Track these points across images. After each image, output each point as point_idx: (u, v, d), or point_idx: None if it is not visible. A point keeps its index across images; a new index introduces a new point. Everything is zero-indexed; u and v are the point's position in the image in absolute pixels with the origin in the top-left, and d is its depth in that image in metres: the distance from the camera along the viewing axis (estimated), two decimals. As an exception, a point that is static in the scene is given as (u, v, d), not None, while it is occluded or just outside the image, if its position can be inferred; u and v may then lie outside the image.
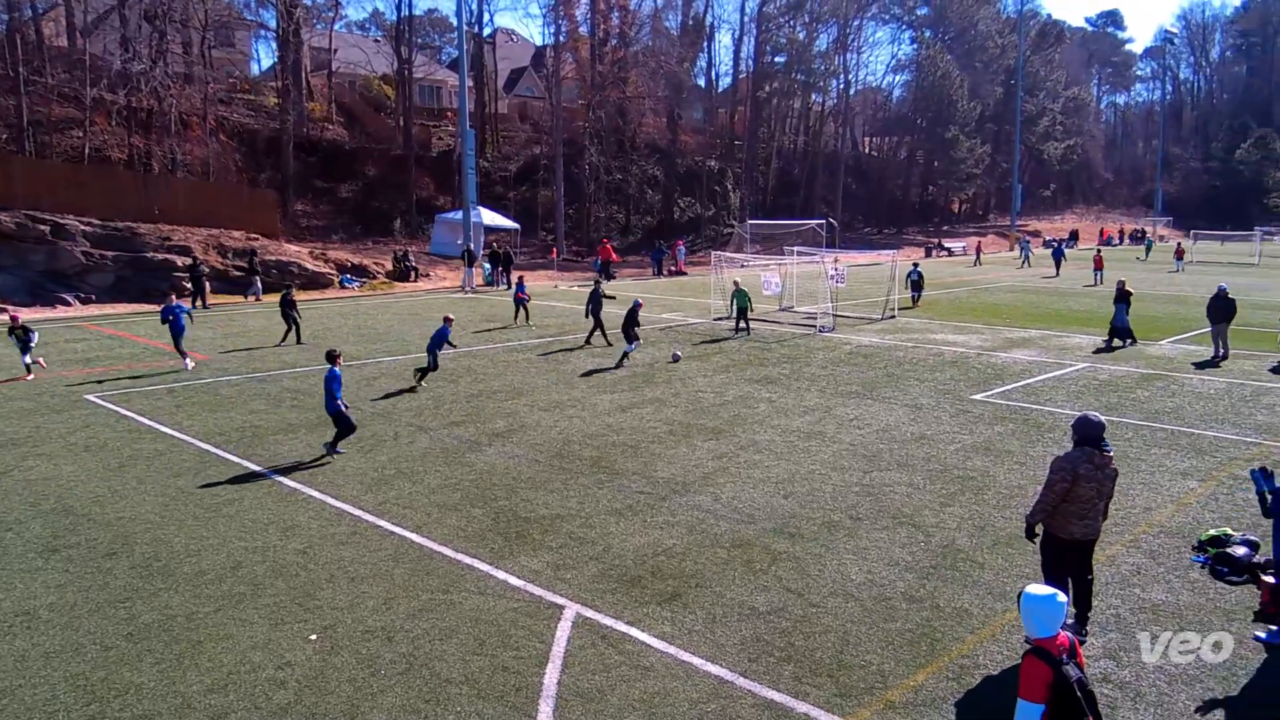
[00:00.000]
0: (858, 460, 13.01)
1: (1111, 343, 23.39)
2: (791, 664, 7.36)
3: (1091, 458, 7.50)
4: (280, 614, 8.24)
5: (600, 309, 23.38)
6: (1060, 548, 7.66)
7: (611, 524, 10.46)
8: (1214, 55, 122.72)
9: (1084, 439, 7.57)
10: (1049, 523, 7.65)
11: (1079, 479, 7.42)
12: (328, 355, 13.75)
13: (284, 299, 23.91)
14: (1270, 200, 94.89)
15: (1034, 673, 4.68)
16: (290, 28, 50.02)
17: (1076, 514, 7.51)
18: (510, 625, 8.01)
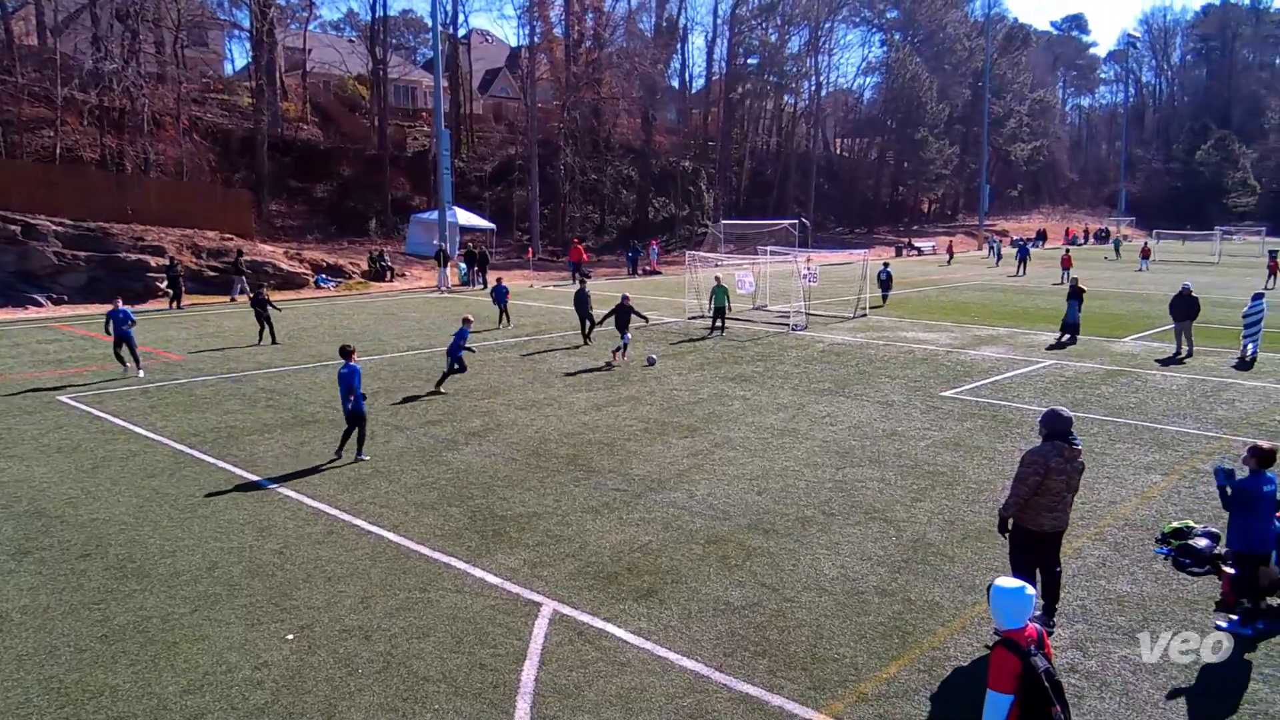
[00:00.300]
0: (830, 456, 13.08)
1: (1062, 338, 23.85)
2: (766, 658, 7.39)
3: (1061, 451, 7.56)
4: (257, 614, 8.16)
5: (589, 307, 23.06)
6: (1030, 540, 7.72)
7: (588, 521, 10.45)
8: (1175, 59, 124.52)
9: (1053, 433, 7.62)
10: (1019, 515, 7.69)
11: (1050, 472, 7.48)
12: (342, 350, 12.97)
13: (256, 298, 23.66)
14: (1230, 200, 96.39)
15: (1003, 664, 4.73)
16: (264, 28, 49.54)
17: (1046, 506, 7.57)
18: (487, 623, 7.98)
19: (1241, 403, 16.60)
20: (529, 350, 22.51)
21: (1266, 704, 6.78)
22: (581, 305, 23.08)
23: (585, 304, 23.09)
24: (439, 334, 24.84)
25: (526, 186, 54.83)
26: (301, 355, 21.63)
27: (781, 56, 71.96)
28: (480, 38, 77.28)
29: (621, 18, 65.93)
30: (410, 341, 23.74)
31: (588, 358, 21.23)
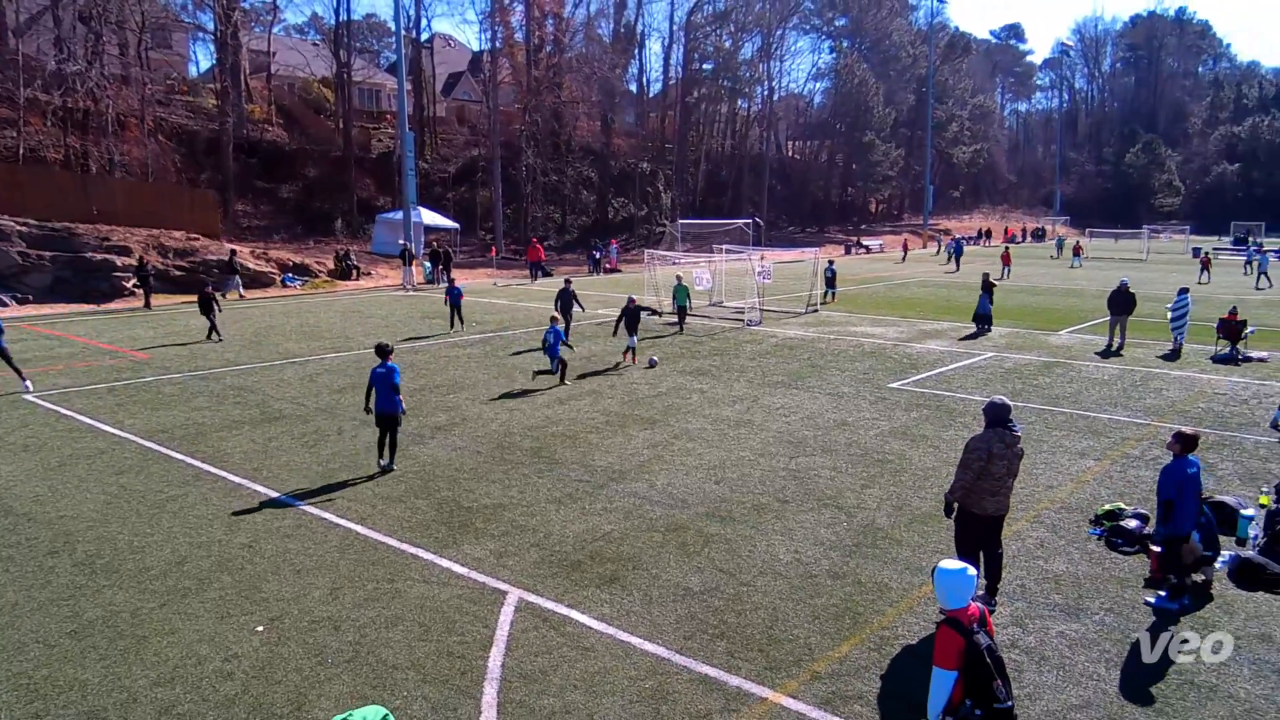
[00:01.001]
0: (784, 446, 13.18)
1: (980, 328, 24.64)
2: (724, 640, 7.44)
3: (1003, 437, 7.70)
4: (226, 607, 8.03)
5: (571, 308, 22.34)
6: (973, 523, 7.85)
7: (552, 512, 10.42)
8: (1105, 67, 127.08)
9: (994, 420, 7.77)
10: (964, 500, 7.82)
11: (992, 457, 7.62)
12: (379, 349, 11.72)
13: (203, 296, 23.16)
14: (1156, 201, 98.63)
15: (947, 642, 4.81)
16: (228, 30, 48.56)
17: (989, 490, 7.70)
18: (454, 611, 7.93)
19: (1168, 391, 17.02)
20: (493, 347, 22.37)
21: (1191, 673, 6.97)
22: (565, 304, 22.31)
23: (569, 303, 22.35)
24: (405, 330, 24.61)
25: (489, 187, 54.46)
26: (269, 353, 21.30)
27: (735, 62, 72.20)
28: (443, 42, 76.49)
29: (581, 24, 65.79)
30: (377, 338, 23.39)
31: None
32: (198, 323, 26.22)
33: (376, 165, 55.69)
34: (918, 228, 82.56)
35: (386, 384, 11.43)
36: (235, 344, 22.45)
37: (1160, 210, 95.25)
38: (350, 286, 38.38)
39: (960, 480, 7.77)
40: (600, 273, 46.11)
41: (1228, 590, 8.44)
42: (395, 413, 11.55)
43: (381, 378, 11.46)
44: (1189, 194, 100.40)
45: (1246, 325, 20.97)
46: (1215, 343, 21.36)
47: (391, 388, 11.41)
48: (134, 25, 45.55)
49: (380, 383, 11.46)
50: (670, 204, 65.25)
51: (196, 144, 48.57)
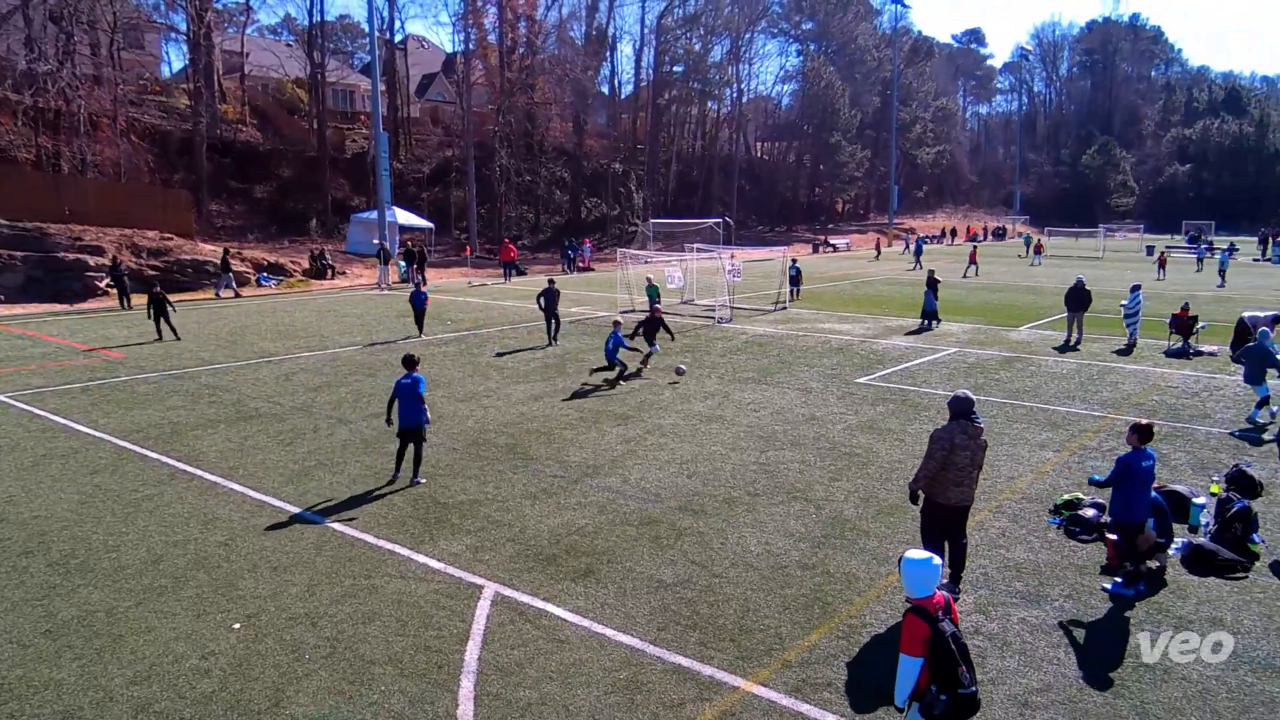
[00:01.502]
0: (754, 441, 13.23)
1: (924, 324, 24.95)
2: (697, 631, 7.46)
3: (965, 429, 7.78)
4: (203, 605, 7.92)
5: (555, 306, 21.91)
6: (938, 512, 7.90)
7: (527, 507, 10.39)
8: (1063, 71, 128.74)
9: (958, 413, 7.85)
10: (929, 490, 7.88)
11: (955, 448, 7.70)
12: (406, 360, 11.30)
13: (154, 297, 22.61)
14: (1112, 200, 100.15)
15: (913, 630, 4.86)
16: (201, 31, 47.80)
17: (953, 481, 7.76)
18: (431, 606, 7.89)
19: (1124, 385, 17.30)
20: (467, 345, 22.25)
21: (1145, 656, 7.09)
22: (549, 304, 21.82)
23: (553, 303, 21.88)
24: (380, 329, 24.42)
25: (463, 187, 54.12)
26: (244, 352, 21.03)
27: (705, 65, 72.33)
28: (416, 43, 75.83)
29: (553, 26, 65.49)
30: (352, 337, 23.26)
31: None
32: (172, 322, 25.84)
33: (351, 165, 55.16)
34: (883, 227, 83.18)
35: (412, 395, 10.87)
36: (210, 343, 22.15)
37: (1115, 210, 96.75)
38: (325, 286, 37.99)
39: (924, 470, 7.83)
40: (574, 271, 46.03)
41: (1181, 576, 8.59)
42: (420, 425, 10.96)
43: (407, 389, 10.90)
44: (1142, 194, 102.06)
45: (1198, 321, 21.36)
46: (1168, 338, 21.73)
47: (417, 398, 10.85)
48: (105, 25, 44.72)
49: (405, 394, 10.91)
50: (642, 204, 65.24)
51: (170, 144, 47.82)
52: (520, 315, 27.83)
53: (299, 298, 33.61)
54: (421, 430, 11.01)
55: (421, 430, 11.01)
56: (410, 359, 11.31)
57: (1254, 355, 14.70)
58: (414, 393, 10.84)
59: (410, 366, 11.17)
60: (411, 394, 10.84)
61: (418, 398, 10.85)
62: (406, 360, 11.28)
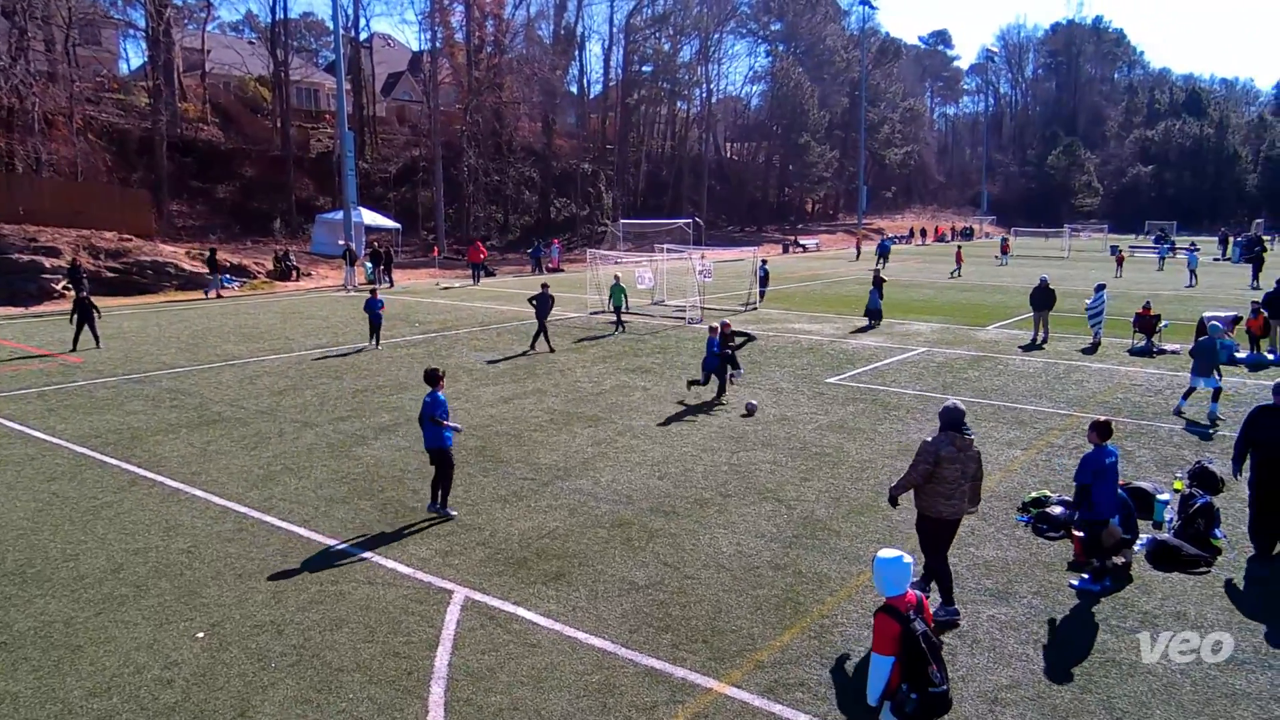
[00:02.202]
0: (726, 441, 13.28)
1: (870, 323, 25.47)
2: (669, 633, 7.47)
3: (954, 440, 7.59)
4: (165, 614, 7.80)
5: (547, 313, 21.17)
6: (930, 526, 7.74)
7: (497, 510, 10.35)
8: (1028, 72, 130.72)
9: (947, 424, 7.67)
10: (920, 504, 7.74)
11: (941, 460, 7.49)
12: (428, 376, 10.32)
13: (80, 301, 21.41)
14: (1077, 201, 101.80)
15: (884, 629, 4.91)
16: (160, 27, 47.05)
17: (943, 494, 7.58)
18: (400, 612, 7.83)
19: (1089, 383, 17.59)
20: (436, 347, 22.11)
21: (1113, 651, 7.22)
22: (542, 308, 21.10)
23: (545, 307, 21.14)
24: (346, 332, 24.18)
25: (431, 187, 53.78)
26: (206, 355, 20.73)
27: (674, 64, 72.53)
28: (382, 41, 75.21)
29: (521, 25, 65.25)
30: (317, 339, 23.01)
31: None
32: (130, 325, 25.44)
33: (315, 165, 54.60)
34: (852, 227, 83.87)
35: (426, 415, 10.06)
36: (171, 346, 21.80)
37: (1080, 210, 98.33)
38: (289, 287, 37.56)
39: (904, 480, 7.73)
40: (542, 271, 45.90)
41: (1146, 572, 8.75)
42: (441, 446, 10.01)
43: (423, 408, 10.11)
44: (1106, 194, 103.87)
45: (1160, 320, 21.77)
46: (1132, 336, 22.13)
47: (431, 419, 9.97)
48: (61, 21, 43.87)
49: (422, 413, 10.14)
50: (612, 204, 65.23)
51: (128, 143, 47.04)
52: (489, 317, 27.71)
53: (263, 300, 33.20)
54: (444, 453, 10.04)
55: (444, 453, 10.04)
56: (431, 374, 10.32)
57: (1203, 350, 15.09)
58: (428, 413, 9.99)
59: (431, 383, 10.23)
60: (426, 414, 10.03)
61: (432, 420, 9.96)
62: (427, 376, 10.35)
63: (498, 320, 26.85)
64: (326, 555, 9.08)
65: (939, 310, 29.45)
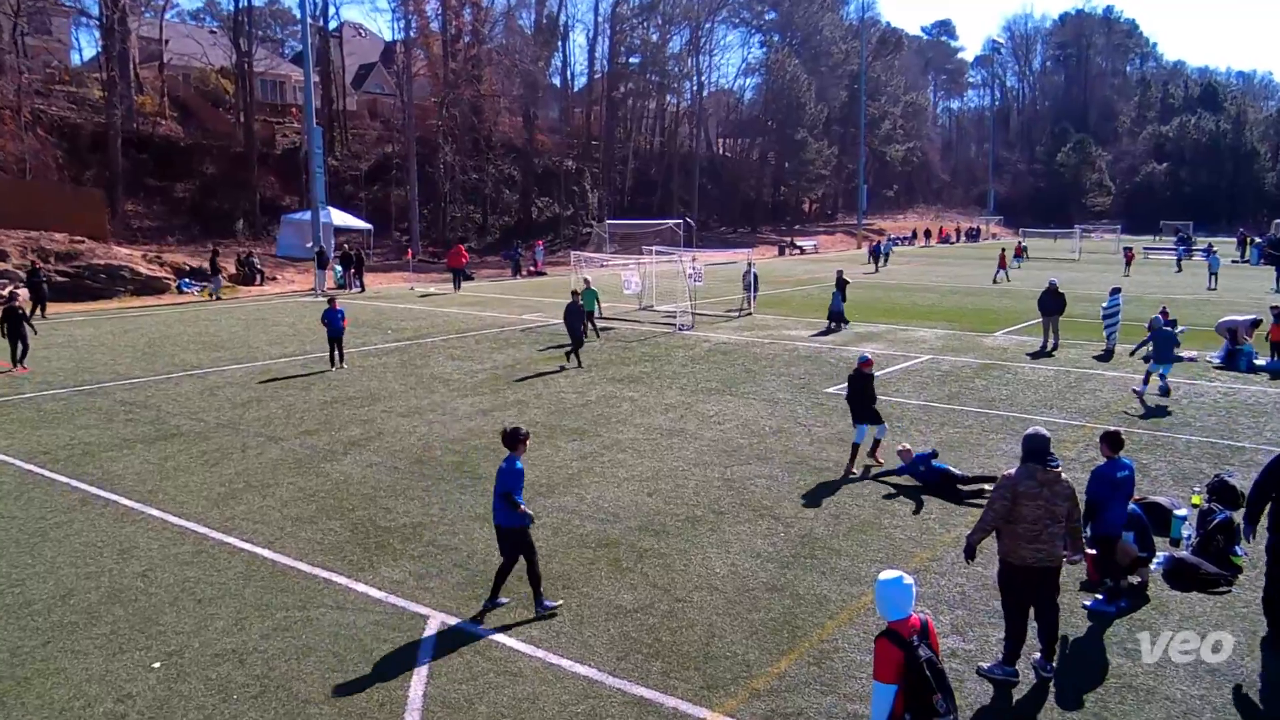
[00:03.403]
0: (719, 455, 13.29)
1: (831, 326, 26.12)
2: (659, 659, 7.45)
3: (1034, 474, 6.98)
4: (119, 642, 7.73)
5: (581, 324, 20.55)
6: (1012, 575, 7.10)
7: (475, 529, 10.31)
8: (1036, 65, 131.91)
9: (1029, 454, 7.08)
10: (1001, 548, 7.13)
11: (1019, 497, 6.90)
12: (508, 438, 8.44)
13: (9, 311, 20.29)
14: (1088, 200, 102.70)
15: (886, 656, 4.92)
16: (115, 15, 46.90)
17: (1026, 537, 6.93)
18: (372, 639, 7.78)
19: (1102, 392, 17.69)
20: (410, 356, 22.06)
21: (1129, 676, 7.25)
22: (573, 321, 20.41)
23: (578, 320, 20.54)
24: (315, 339, 24.07)
25: (404, 185, 53.72)
26: (164, 364, 20.61)
27: (663, 56, 72.73)
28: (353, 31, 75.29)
29: (501, 13, 65.52)
30: (284, 348, 22.92)
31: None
32: (83, 334, 25.27)
33: (281, 162, 54.49)
34: (852, 228, 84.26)
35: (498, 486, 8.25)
36: (126, 355, 21.68)
37: (1092, 210, 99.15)
38: (254, 292, 37.44)
39: (981, 523, 7.15)
40: (523, 275, 45.88)
41: (1163, 591, 8.80)
42: (513, 525, 8.21)
43: (497, 476, 8.30)
44: (1119, 193, 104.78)
45: (1177, 325, 21.90)
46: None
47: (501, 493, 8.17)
48: (8, 9, 43.72)
49: (496, 484, 8.31)
50: (597, 203, 65.33)
51: (81, 138, 46.86)
52: (466, 324, 27.68)
53: (225, 305, 33.06)
54: (517, 533, 8.23)
55: (517, 533, 8.23)
56: (512, 435, 8.45)
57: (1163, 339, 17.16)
58: (503, 487, 8.17)
59: (511, 445, 8.40)
60: (501, 488, 8.20)
61: (506, 489, 8.15)
62: (506, 438, 8.47)
63: (476, 327, 26.82)
64: (292, 578, 9.02)
65: (943, 315, 29.59)
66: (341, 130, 59.81)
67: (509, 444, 8.41)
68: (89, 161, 46.29)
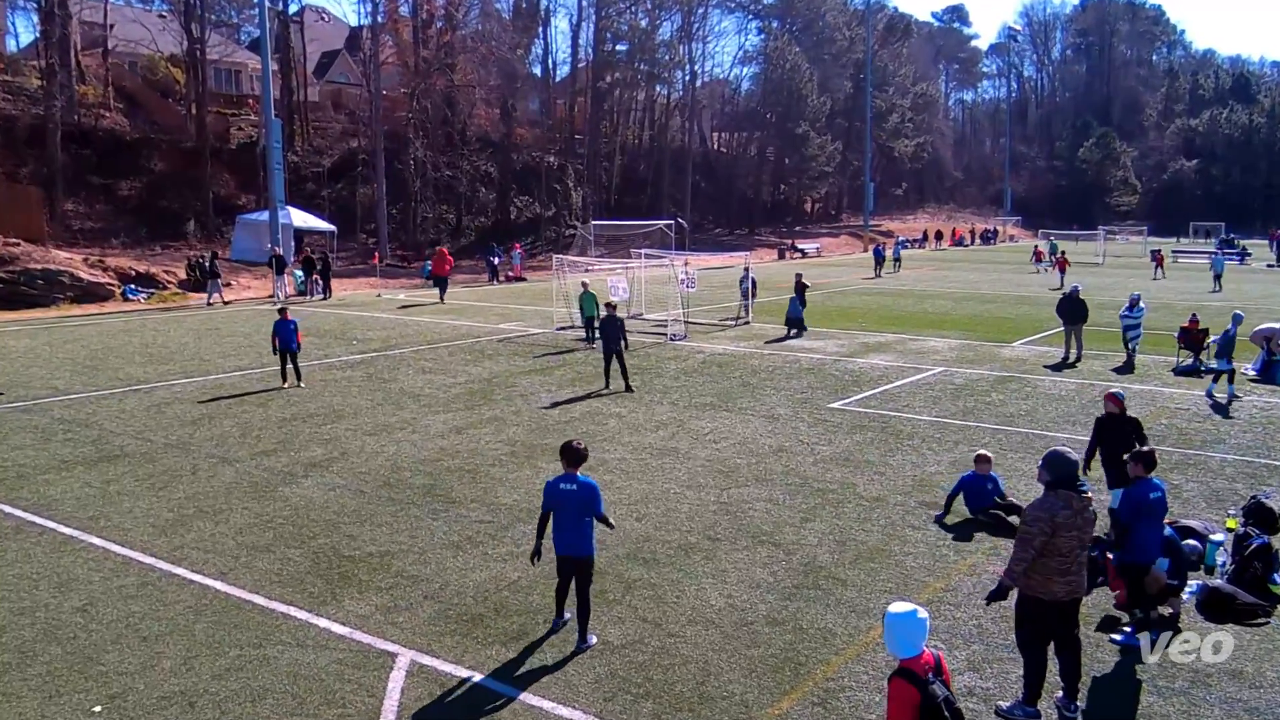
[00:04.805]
0: (714, 477, 13.29)
1: (789, 333, 26.93)
2: (650, 700, 7.43)
3: (1070, 501, 6.93)
4: (56, 684, 7.66)
5: (619, 341, 19.47)
6: (1039, 611, 7.09)
7: (448, 558, 10.28)
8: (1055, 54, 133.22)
9: (1059, 479, 7.00)
10: (1027, 584, 7.08)
11: (1058, 528, 6.85)
12: (568, 454, 8.36)
13: None
14: (1112, 199, 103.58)
15: (900, 696, 4.91)
16: (55, -2, 46.88)
17: (1058, 570, 6.93)
18: (334, 679, 7.74)
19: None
20: (377, 369, 22.01)
21: (1160, 715, 7.25)
22: (610, 336, 19.45)
23: (616, 334, 19.40)
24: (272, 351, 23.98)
25: (371, 183, 53.74)
26: (106, 379, 20.51)
27: (652, 43, 73.02)
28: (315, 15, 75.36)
29: (476, -3, 65.62)
30: (239, 360, 22.84)
31: (472, 379, 20.90)
32: (18, 344, 25.14)
33: (236, 158, 54.44)
34: (858, 229, 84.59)
35: (578, 509, 8.17)
36: (65, 369, 21.56)
37: (1117, 210, 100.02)
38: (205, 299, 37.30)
39: (1018, 559, 6.99)
40: (500, 281, 45.86)
41: (1197, 623, 8.82)
42: (588, 554, 8.28)
43: (571, 499, 8.15)
44: (1146, 192, 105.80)
45: (1209, 334, 22.05)
46: (1177, 354, 22.41)
47: (582, 515, 8.17)
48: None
49: (568, 506, 8.17)
50: (581, 203, 65.46)
51: (16, 131, 46.79)
52: (438, 334, 27.64)
53: (174, 314, 32.95)
54: (589, 561, 8.30)
55: (589, 561, 8.30)
56: (575, 452, 8.34)
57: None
58: (581, 505, 8.14)
59: (574, 463, 8.30)
60: (577, 507, 8.14)
61: (586, 513, 8.16)
62: (569, 454, 8.35)
63: (449, 337, 26.78)
64: (247, 613, 8.96)
65: (957, 324, 29.73)
66: (303, 123, 59.80)
67: (572, 461, 8.31)
68: (25, 157, 46.15)
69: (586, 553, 8.20)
